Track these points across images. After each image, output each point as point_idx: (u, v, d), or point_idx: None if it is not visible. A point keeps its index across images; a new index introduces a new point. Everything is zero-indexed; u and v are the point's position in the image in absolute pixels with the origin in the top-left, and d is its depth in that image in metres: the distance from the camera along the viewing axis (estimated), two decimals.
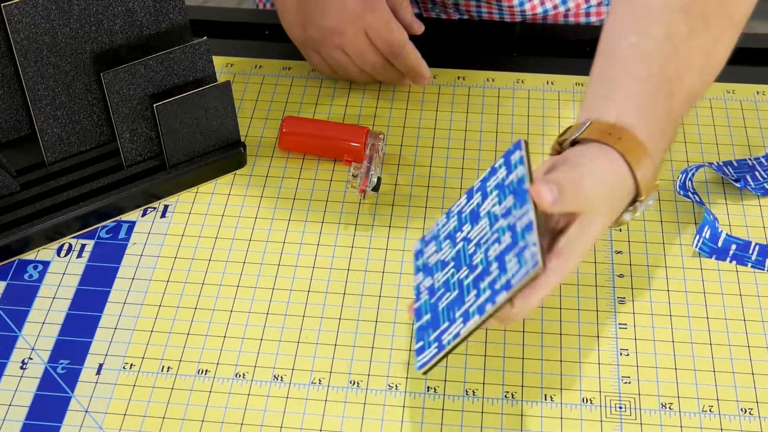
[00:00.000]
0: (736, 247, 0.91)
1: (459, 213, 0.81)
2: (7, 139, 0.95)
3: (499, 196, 0.77)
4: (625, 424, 0.80)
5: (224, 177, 0.99)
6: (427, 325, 0.78)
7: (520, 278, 0.72)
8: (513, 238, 0.74)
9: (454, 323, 0.76)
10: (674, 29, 0.82)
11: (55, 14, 0.89)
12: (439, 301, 0.78)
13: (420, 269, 0.83)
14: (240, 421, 0.80)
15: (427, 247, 0.83)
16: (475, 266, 0.77)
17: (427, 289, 0.80)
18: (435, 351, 0.75)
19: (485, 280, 0.75)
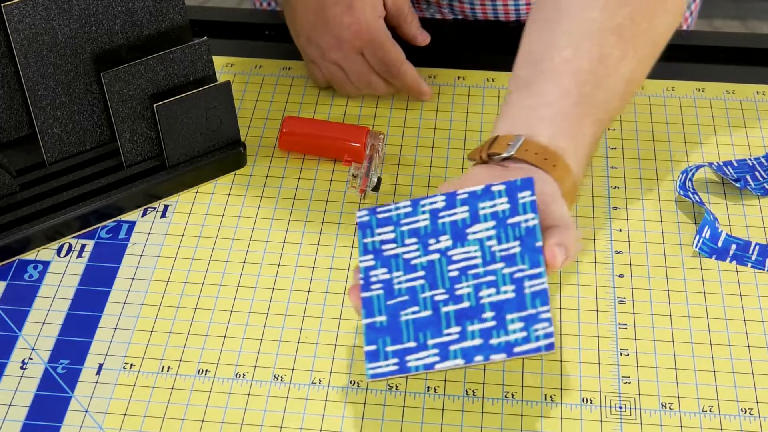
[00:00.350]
0: (736, 247, 0.91)
1: (434, 213, 0.76)
2: (7, 139, 0.95)
3: (498, 230, 0.74)
4: (625, 424, 0.80)
5: (224, 177, 0.99)
6: (382, 329, 0.73)
7: (526, 351, 0.70)
8: (519, 297, 0.72)
9: (425, 350, 0.72)
10: (607, 51, 0.82)
11: (55, 14, 0.89)
12: (401, 311, 0.74)
13: (370, 251, 0.76)
14: (240, 421, 0.80)
15: (380, 228, 0.77)
16: (460, 297, 0.73)
17: (382, 282, 0.75)
18: (395, 368, 0.72)
19: (475, 324, 0.72)
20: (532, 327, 0.71)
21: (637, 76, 0.85)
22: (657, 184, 0.97)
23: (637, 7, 0.83)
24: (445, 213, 0.76)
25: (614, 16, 0.82)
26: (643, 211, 0.95)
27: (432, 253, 0.75)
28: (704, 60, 1.11)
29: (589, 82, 0.81)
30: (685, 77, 1.08)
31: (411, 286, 0.74)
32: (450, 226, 0.75)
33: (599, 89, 0.81)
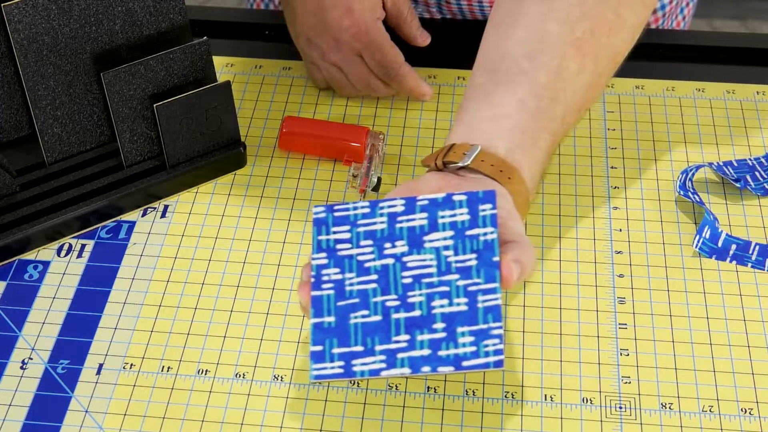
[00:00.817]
0: (736, 247, 0.91)
1: (392, 217, 0.75)
2: (7, 139, 0.95)
3: (455, 241, 0.73)
4: (625, 424, 0.80)
5: (224, 177, 0.99)
6: (329, 330, 0.72)
7: (474, 366, 0.70)
8: (472, 311, 0.71)
9: (372, 356, 0.71)
10: (566, 64, 0.81)
11: (55, 14, 0.89)
12: (351, 313, 0.73)
13: (323, 249, 0.75)
14: (240, 421, 0.80)
15: (336, 226, 0.75)
16: (411, 305, 0.72)
17: (333, 282, 0.74)
18: (339, 371, 0.71)
19: (425, 334, 0.71)
20: (483, 342, 0.70)
21: (594, 91, 0.85)
22: (657, 184, 0.97)
23: (597, 22, 0.82)
24: (404, 218, 0.75)
25: (573, 29, 0.82)
26: (643, 211, 0.95)
27: (387, 258, 0.74)
28: (704, 60, 1.11)
29: (546, 96, 0.80)
30: (685, 77, 1.08)
31: (363, 289, 0.73)
32: (407, 232, 0.74)
33: (556, 103, 0.81)
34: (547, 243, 0.92)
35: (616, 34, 0.84)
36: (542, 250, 0.92)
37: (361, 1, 0.99)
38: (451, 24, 1.18)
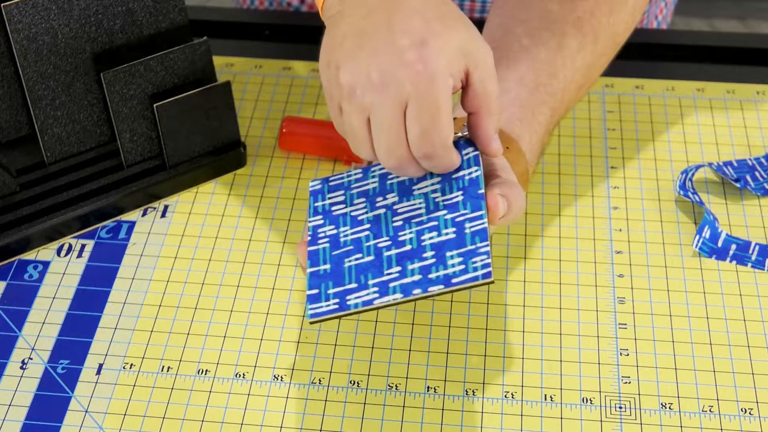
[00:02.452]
0: (736, 247, 0.91)
1: (382, 177, 0.78)
2: (7, 139, 0.95)
3: (442, 184, 0.75)
4: (625, 424, 0.80)
5: (224, 177, 0.99)
6: (325, 275, 0.75)
7: (464, 281, 0.71)
8: (459, 237, 0.73)
9: (366, 289, 0.73)
10: (566, 42, 0.82)
11: (55, 14, 0.89)
12: (345, 258, 0.75)
13: (319, 212, 0.78)
14: (240, 421, 0.80)
15: (331, 193, 0.78)
16: (402, 242, 0.74)
17: (328, 237, 0.76)
18: (335, 308, 0.73)
19: (415, 263, 0.73)
20: (471, 260, 0.71)
21: (594, 70, 0.86)
22: (657, 184, 0.97)
23: (598, 3, 0.83)
24: (393, 175, 0.78)
25: (574, 8, 0.83)
26: (643, 211, 0.95)
27: (378, 209, 0.77)
28: (704, 60, 1.11)
29: (545, 72, 0.81)
30: (685, 77, 1.08)
31: (356, 238, 0.76)
32: (397, 185, 0.77)
33: (555, 79, 0.82)
34: (547, 243, 0.92)
35: (616, 15, 0.85)
36: (542, 250, 0.92)
37: (442, 41, 0.72)
38: None
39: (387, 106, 0.71)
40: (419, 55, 0.71)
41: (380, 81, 0.71)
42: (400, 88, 0.71)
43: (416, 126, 0.71)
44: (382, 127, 0.72)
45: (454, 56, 0.72)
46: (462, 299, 0.88)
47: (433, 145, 0.72)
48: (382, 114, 0.72)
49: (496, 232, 0.93)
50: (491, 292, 0.88)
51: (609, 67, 1.08)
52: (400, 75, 0.71)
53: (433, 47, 0.71)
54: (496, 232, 0.93)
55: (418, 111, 0.71)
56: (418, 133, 0.71)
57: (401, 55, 0.71)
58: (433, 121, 0.71)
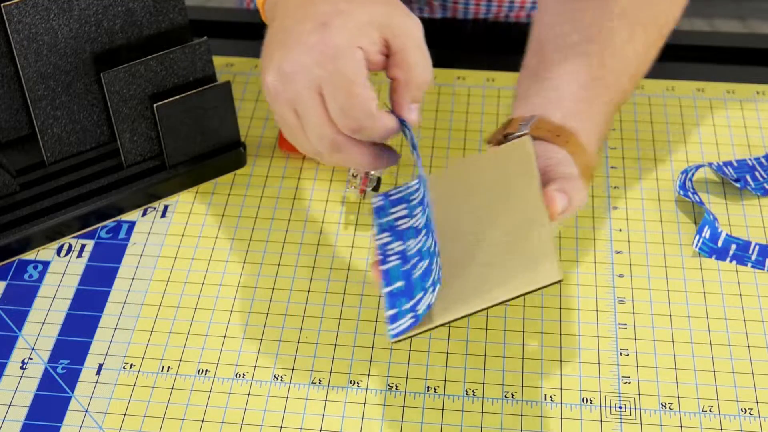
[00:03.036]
0: (736, 247, 0.91)
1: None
2: (7, 139, 0.95)
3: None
4: (625, 424, 0.80)
5: (224, 177, 0.99)
6: (399, 294, 0.74)
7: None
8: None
9: (425, 292, 0.72)
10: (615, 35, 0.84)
11: (55, 14, 0.89)
12: (413, 270, 0.74)
13: (385, 230, 0.77)
14: (240, 421, 0.80)
15: (393, 207, 0.78)
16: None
17: (397, 253, 0.76)
18: (411, 321, 0.72)
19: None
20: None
21: (645, 59, 0.87)
22: (657, 184, 0.97)
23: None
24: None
25: (617, 2, 0.85)
26: (643, 211, 0.95)
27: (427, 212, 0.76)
28: (704, 60, 1.11)
29: (596, 65, 0.82)
30: (685, 77, 1.08)
31: (419, 248, 0.75)
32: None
33: (608, 71, 0.83)
34: None
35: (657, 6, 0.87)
36: None
37: (345, 18, 0.71)
38: (450, 24, 1.18)
39: (304, 94, 0.71)
40: (321, 37, 0.71)
41: (291, 72, 0.71)
42: (310, 74, 0.71)
43: (334, 104, 0.71)
44: (305, 115, 0.72)
45: (360, 29, 0.71)
46: None
47: (356, 118, 0.71)
48: (302, 103, 0.72)
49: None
50: None
51: None
52: (306, 60, 0.71)
53: (335, 25, 0.71)
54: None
55: (333, 90, 0.71)
56: (339, 111, 0.71)
57: (305, 41, 0.71)
58: (348, 95, 0.71)
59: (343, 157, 0.74)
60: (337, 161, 0.75)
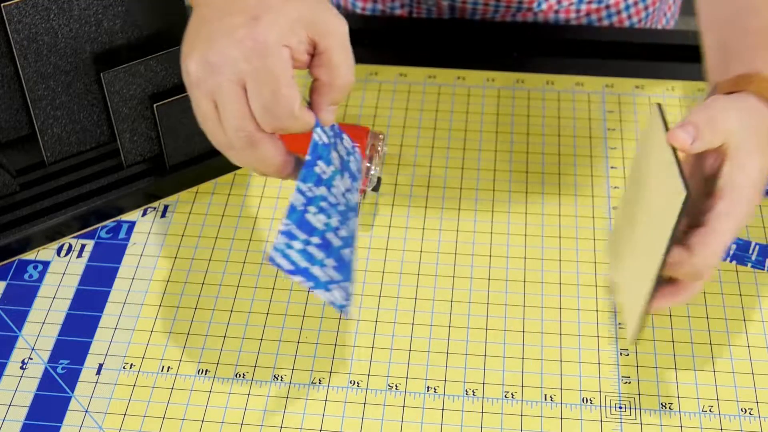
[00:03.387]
0: (736, 247, 0.91)
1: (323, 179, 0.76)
2: (7, 139, 0.95)
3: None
4: (625, 424, 0.80)
5: (224, 177, 0.99)
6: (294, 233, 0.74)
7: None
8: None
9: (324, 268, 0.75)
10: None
11: (55, 14, 0.89)
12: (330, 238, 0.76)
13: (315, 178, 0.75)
14: (240, 421, 0.80)
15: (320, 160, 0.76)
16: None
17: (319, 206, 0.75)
18: (290, 269, 0.73)
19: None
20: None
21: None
22: None
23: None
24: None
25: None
26: None
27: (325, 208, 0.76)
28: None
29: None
30: (685, 77, 1.08)
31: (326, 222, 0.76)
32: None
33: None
34: (548, 243, 0.92)
35: None
36: (542, 250, 0.92)
37: (275, 14, 0.71)
38: (450, 24, 1.18)
39: (227, 87, 0.71)
40: (250, 31, 0.70)
41: (216, 63, 0.71)
42: (236, 67, 0.70)
43: (258, 101, 0.71)
44: (225, 107, 0.71)
45: (290, 27, 0.71)
46: (462, 299, 0.88)
47: (279, 118, 0.71)
48: (223, 95, 0.71)
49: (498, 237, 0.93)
50: (491, 292, 0.89)
51: (609, 67, 1.08)
52: (233, 53, 0.70)
53: (265, 21, 0.70)
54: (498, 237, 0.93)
55: (257, 86, 0.70)
56: (261, 109, 0.71)
57: (234, 33, 0.70)
58: (273, 94, 0.70)
59: (256, 155, 0.73)
60: (249, 159, 0.73)
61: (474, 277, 0.90)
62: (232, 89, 0.71)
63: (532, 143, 1.01)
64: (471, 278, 0.90)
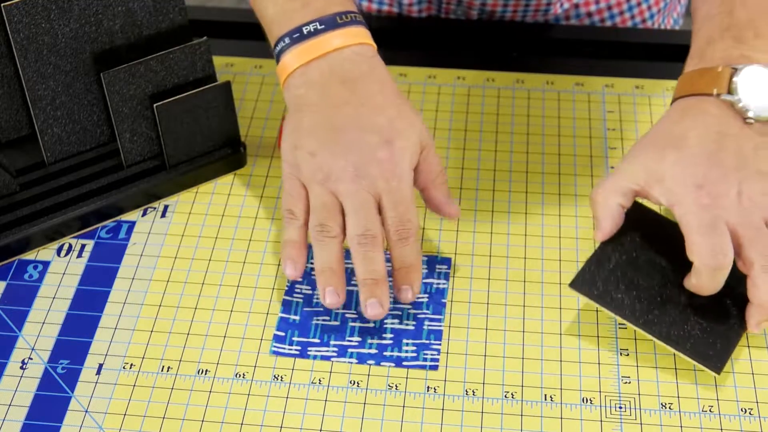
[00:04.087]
0: None
1: None
2: (7, 139, 0.95)
3: None
4: (625, 424, 0.80)
5: (224, 177, 0.99)
6: (293, 324, 0.85)
7: (413, 366, 0.83)
8: (417, 330, 0.85)
9: (326, 347, 0.84)
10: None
11: (55, 14, 0.89)
12: (315, 317, 0.86)
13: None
14: (240, 421, 0.80)
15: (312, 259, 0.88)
16: (366, 319, 0.85)
17: (303, 295, 0.87)
18: (295, 353, 0.84)
19: (374, 339, 0.84)
20: (423, 351, 0.84)
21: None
22: None
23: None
24: None
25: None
26: None
27: (351, 285, 0.87)
28: None
29: None
30: None
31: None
32: None
33: None
34: (547, 243, 0.92)
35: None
36: (542, 250, 0.92)
37: (404, 140, 0.84)
38: (449, 24, 1.18)
39: (362, 194, 0.82)
40: (389, 155, 0.83)
41: (355, 174, 0.82)
42: (374, 182, 0.82)
43: (394, 213, 0.83)
44: (357, 209, 0.82)
45: (414, 152, 0.85)
46: (462, 299, 0.88)
47: (409, 230, 0.83)
48: (357, 199, 0.82)
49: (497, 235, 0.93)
50: (491, 293, 0.89)
51: (609, 67, 1.08)
52: (373, 171, 0.82)
53: (398, 147, 0.83)
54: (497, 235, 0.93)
55: (394, 203, 0.82)
56: (397, 220, 0.83)
57: (373, 153, 0.83)
58: (407, 209, 0.83)
59: (365, 250, 0.82)
60: (363, 257, 0.82)
61: (474, 277, 0.90)
62: (368, 197, 0.83)
63: (532, 143, 1.01)
64: (471, 278, 0.90)
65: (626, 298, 0.83)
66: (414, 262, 0.84)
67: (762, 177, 0.79)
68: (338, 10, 0.88)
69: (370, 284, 0.82)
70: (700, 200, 0.79)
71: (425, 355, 0.83)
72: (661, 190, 0.81)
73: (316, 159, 0.84)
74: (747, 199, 0.78)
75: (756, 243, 0.77)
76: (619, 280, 0.83)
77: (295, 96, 0.87)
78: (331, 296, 0.82)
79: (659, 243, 0.85)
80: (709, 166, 0.79)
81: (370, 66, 0.87)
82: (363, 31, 0.88)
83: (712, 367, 0.80)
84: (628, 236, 0.85)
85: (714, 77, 0.83)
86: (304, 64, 0.86)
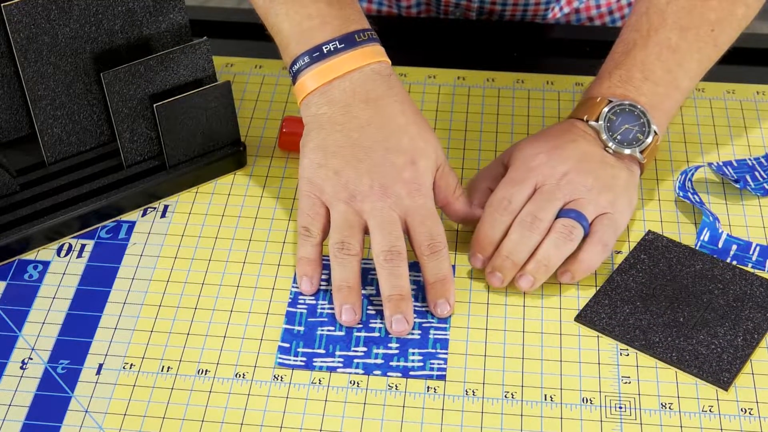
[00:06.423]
0: (737, 248, 0.91)
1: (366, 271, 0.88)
2: (7, 139, 0.95)
3: (417, 292, 0.87)
4: (625, 424, 0.80)
5: (224, 177, 0.99)
6: (297, 335, 0.85)
7: (419, 376, 0.82)
8: (423, 339, 0.84)
9: (332, 357, 0.83)
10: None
11: (55, 14, 0.89)
12: (319, 327, 0.85)
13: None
14: (240, 421, 0.80)
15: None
16: (372, 329, 0.85)
17: (307, 305, 0.87)
18: (300, 364, 0.83)
19: (380, 349, 0.84)
20: (429, 361, 0.83)
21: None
22: (657, 184, 0.97)
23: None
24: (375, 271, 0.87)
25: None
26: (643, 212, 0.95)
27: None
28: None
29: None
30: None
31: (332, 313, 0.86)
32: (377, 282, 0.86)
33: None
34: None
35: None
36: None
37: (426, 159, 0.87)
38: (450, 24, 1.18)
39: (388, 212, 0.85)
40: (413, 174, 0.86)
41: (382, 193, 0.85)
42: (400, 200, 0.85)
43: (423, 229, 0.85)
44: (383, 226, 0.85)
45: (433, 168, 0.88)
46: (462, 299, 0.88)
47: (439, 243, 0.85)
48: (384, 217, 0.85)
49: None
50: (491, 293, 0.88)
51: None
52: (399, 190, 0.85)
53: (422, 167, 0.87)
54: None
55: (422, 218, 0.86)
56: (427, 235, 0.85)
57: (399, 173, 0.86)
58: (434, 223, 0.86)
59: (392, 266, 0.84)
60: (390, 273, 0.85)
61: (474, 278, 0.90)
62: (393, 215, 0.85)
63: None
64: (471, 278, 0.90)
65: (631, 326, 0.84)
66: (447, 274, 0.86)
67: (587, 173, 0.88)
68: (356, 28, 0.88)
69: (396, 300, 0.84)
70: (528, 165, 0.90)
71: (432, 364, 0.83)
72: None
73: (341, 178, 0.86)
74: (566, 182, 0.88)
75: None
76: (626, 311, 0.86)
77: (316, 115, 0.88)
78: (347, 314, 0.84)
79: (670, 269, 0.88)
80: (550, 149, 0.90)
81: (389, 85, 0.88)
82: (379, 48, 0.89)
83: (720, 383, 0.81)
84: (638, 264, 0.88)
85: (591, 106, 0.91)
86: (326, 83, 0.87)
